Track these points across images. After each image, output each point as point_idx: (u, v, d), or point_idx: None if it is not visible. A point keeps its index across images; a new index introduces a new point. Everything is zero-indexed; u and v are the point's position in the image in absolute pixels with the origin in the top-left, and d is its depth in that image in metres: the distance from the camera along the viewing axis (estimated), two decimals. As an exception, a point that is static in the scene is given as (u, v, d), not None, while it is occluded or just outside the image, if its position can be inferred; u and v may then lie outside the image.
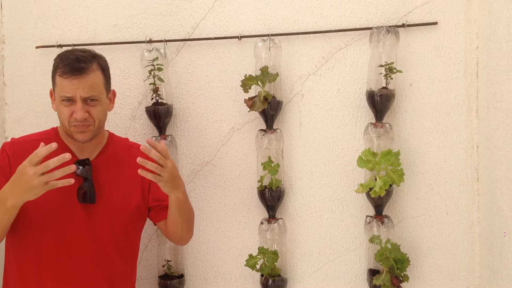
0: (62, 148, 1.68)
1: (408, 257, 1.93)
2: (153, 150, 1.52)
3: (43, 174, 1.41)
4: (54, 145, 1.42)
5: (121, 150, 1.78)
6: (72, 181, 1.44)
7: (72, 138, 1.66)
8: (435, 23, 1.99)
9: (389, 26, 1.96)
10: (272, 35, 2.03)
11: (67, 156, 1.41)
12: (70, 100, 1.60)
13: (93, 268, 1.65)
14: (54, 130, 1.75)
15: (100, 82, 1.65)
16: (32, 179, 1.41)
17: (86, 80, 1.60)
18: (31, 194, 1.45)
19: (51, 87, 1.71)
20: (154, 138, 2.09)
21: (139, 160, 1.48)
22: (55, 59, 1.65)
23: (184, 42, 2.13)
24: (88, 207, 1.63)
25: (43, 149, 1.43)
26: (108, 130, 1.82)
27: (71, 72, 1.58)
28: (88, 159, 1.67)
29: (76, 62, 1.59)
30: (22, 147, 1.66)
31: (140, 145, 1.85)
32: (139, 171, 1.50)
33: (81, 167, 1.63)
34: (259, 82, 1.98)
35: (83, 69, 1.59)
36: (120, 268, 1.73)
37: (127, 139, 1.87)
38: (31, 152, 1.63)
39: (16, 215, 1.59)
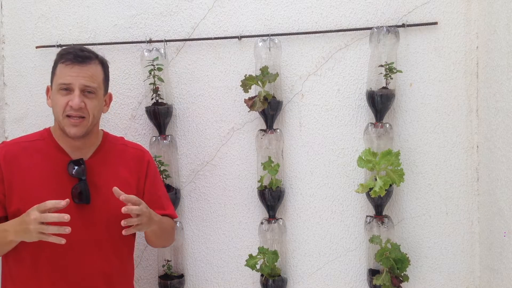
0: (56, 148, 1.68)
1: (408, 257, 1.93)
2: (133, 207, 1.53)
3: (42, 223, 1.45)
4: (66, 217, 1.44)
5: (116, 150, 1.78)
6: (63, 241, 1.47)
7: (64, 133, 1.64)
8: (435, 23, 1.99)
9: (389, 26, 1.97)
10: (272, 35, 2.03)
11: (66, 217, 1.43)
12: (68, 90, 1.61)
13: (90, 267, 1.65)
14: (47, 131, 1.73)
15: (99, 76, 1.68)
16: (30, 223, 1.46)
17: (87, 69, 1.63)
18: (26, 236, 1.50)
19: (49, 84, 1.71)
20: (154, 138, 2.10)
21: (123, 223, 1.52)
22: (58, 52, 1.68)
23: (184, 42, 2.13)
24: (83, 207, 1.63)
25: (52, 202, 1.46)
26: (102, 130, 1.81)
27: (74, 59, 1.61)
28: (82, 159, 1.66)
29: (80, 52, 1.65)
30: (15, 149, 1.66)
31: (136, 144, 1.88)
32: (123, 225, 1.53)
33: (75, 167, 1.63)
34: (259, 82, 1.98)
35: (87, 58, 1.64)
36: (117, 267, 1.73)
37: (122, 138, 1.86)
38: (23, 154, 1.65)
39: (14, 216, 1.60)
